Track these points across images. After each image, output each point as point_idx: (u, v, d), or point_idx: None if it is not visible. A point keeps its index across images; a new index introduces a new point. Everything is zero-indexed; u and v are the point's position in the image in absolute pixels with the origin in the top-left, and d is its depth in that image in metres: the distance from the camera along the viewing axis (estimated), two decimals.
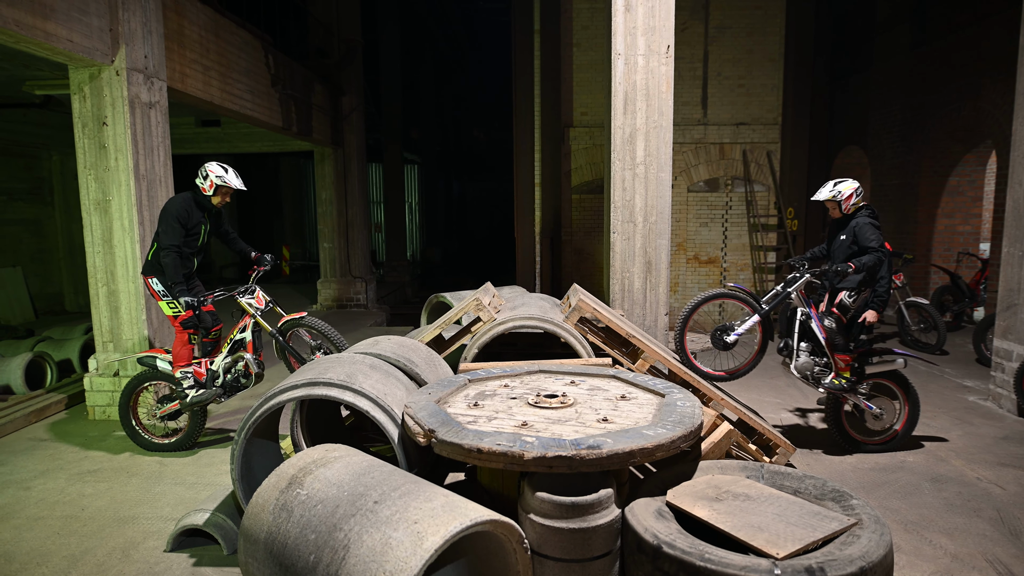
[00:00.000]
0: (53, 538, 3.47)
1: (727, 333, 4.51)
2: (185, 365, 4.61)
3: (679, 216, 9.74)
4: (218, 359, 4.72)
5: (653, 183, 5.15)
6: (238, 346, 4.76)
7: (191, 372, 4.60)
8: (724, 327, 4.54)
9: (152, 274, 4.59)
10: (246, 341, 4.74)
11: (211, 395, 4.63)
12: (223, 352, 4.74)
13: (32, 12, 4.42)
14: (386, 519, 2.20)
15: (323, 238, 11.66)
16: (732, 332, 4.50)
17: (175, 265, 4.45)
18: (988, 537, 3.45)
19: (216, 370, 4.70)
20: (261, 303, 4.73)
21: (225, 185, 4.61)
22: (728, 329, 4.53)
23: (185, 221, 4.53)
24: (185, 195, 4.66)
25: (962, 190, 9.20)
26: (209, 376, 4.66)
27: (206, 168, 4.63)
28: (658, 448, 2.49)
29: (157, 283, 4.57)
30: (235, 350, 4.76)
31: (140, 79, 5.49)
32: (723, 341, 4.51)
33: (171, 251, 4.45)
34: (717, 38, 9.50)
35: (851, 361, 4.56)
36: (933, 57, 9.09)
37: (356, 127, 11.64)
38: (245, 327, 4.75)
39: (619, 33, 5.04)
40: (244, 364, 4.74)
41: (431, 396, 3.06)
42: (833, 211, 4.72)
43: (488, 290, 4.85)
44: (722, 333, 4.53)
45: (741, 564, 2.14)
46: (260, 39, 8.21)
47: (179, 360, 4.61)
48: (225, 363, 4.72)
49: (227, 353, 4.74)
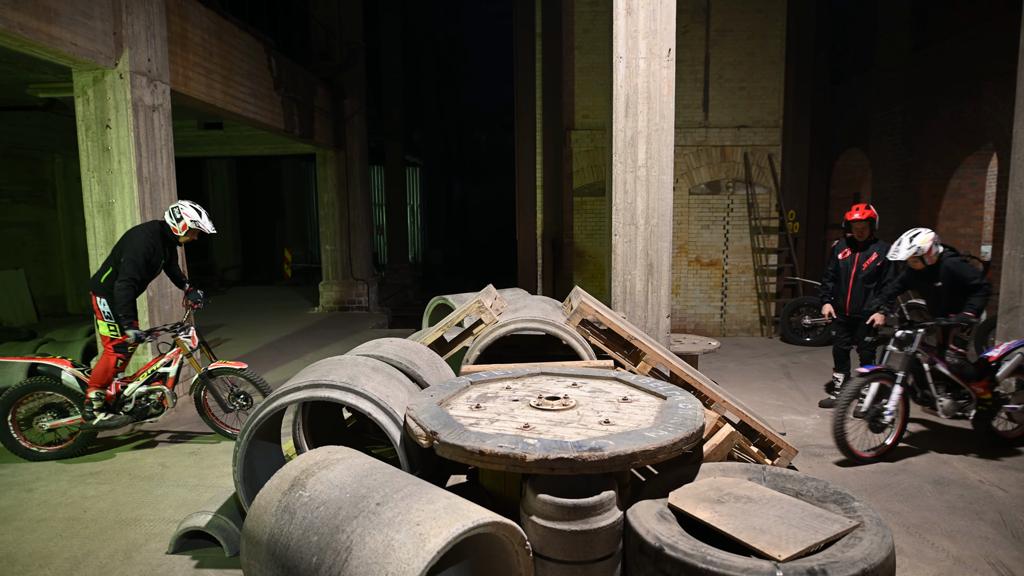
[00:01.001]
0: (55, 540, 3.48)
1: (880, 416, 4.51)
2: (100, 387, 4.54)
3: (680, 218, 9.75)
4: (132, 385, 4.69)
5: (655, 185, 5.16)
6: (158, 378, 4.75)
7: (103, 393, 4.55)
8: (875, 413, 4.52)
9: (101, 295, 4.54)
10: (168, 376, 4.75)
11: (119, 422, 4.61)
12: (140, 379, 4.71)
13: (37, 16, 4.44)
14: (388, 521, 2.21)
15: (325, 240, 11.67)
16: (886, 412, 4.51)
17: (129, 298, 4.45)
18: (990, 540, 3.44)
19: (128, 396, 4.67)
20: (195, 343, 4.83)
21: (197, 228, 4.67)
22: (880, 413, 4.52)
23: (150, 257, 4.56)
24: (153, 228, 4.66)
25: (963, 192, 9.20)
26: (118, 400, 4.63)
27: (180, 209, 4.65)
28: (660, 450, 2.49)
29: (104, 304, 4.53)
30: (152, 380, 4.74)
31: (143, 82, 5.51)
32: (879, 424, 4.52)
33: (130, 284, 4.45)
34: (718, 41, 9.51)
35: (987, 384, 4.64)
36: (934, 59, 9.09)
37: (358, 130, 11.67)
38: (171, 362, 4.77)
39: (620, 36, 5.06)
40: (160, 396, 4.74)
41: (433, 398, 3.07)
42: (915, 264, 4.72)
43: (490, 292, 4.86)
44: (875, 418, 4.53)
45: (743, 566, 2.14)
46: (262, 42, 8.24)
47: (97, 381, 4.52)
48: (139, 391, 4.70)
49: (144, 381, 4.72)
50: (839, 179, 11.69)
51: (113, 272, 4.54)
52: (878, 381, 4.57)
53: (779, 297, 9.80)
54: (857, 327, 5.73)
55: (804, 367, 7.59)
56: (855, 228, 5.67)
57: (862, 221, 5.62)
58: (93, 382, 4.52)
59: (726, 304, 9.91)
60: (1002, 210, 7.76)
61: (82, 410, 4.54)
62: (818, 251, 10.40)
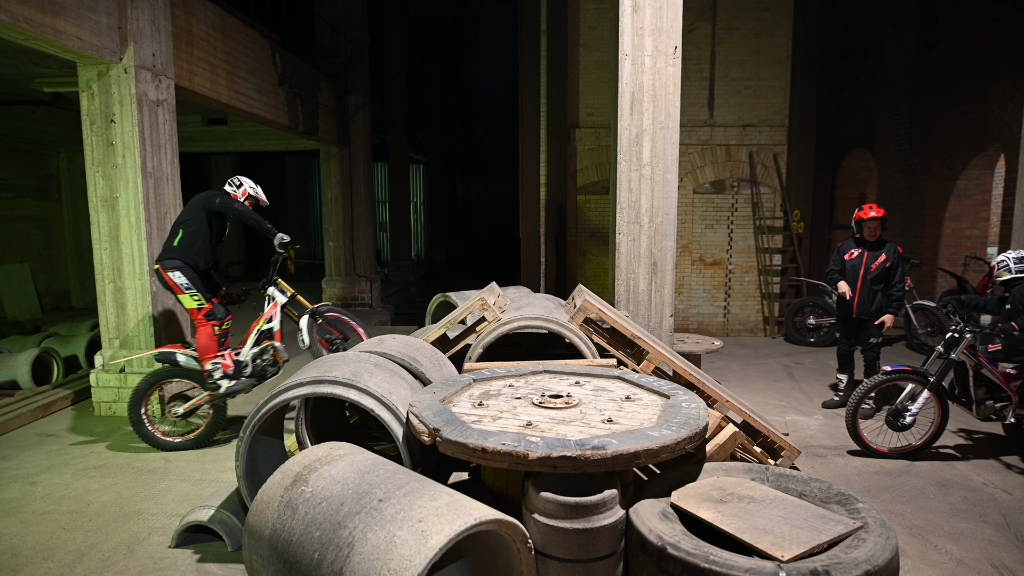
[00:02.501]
0: (59, 533, 3.49)
1: (902, 416, 4.48)
2: (213, 357, 4.60)
3: (684, 218, 9.72)
4: (245, 349, 4.76)
5: (659, 184, 5.14)
6: (265, 335, 4.83)
7: (220, 363, 4.61)
8: (897, 410, 4.51)
9: (174, 266, 4.55)
10: (274, 330, 4.83)
11: (245, 384, 4.67)
12: (249, 342, 4.78)
13: (42, 9, 4.44)
14: (390, 517, 2.20)
15: (328, 237, 11.67)
16: (907, 413, 4.46)
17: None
18: (994, 542, 3.43)
19: (244, 360, 4.73)
20: (287, 293, 4.93)
21: (255, 197, 4.86)
22: (902, 411, 4.49)
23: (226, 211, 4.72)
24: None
25: (970, 194, 9.16)
26: (236, 367, 4.68)
27: (239, 178, 4.85)
28: (663, 449, 2.48)
29: (180, 276, 4.54)
30: (260, 340, 4.82)
31: (148, 77, 5.52)
32: (900, 424, 4.49)
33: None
34: (724, 39, 9.47)
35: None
36: (941, 60, 9.05)
37: (362, 126, 11.66)
38: (272, 317, 4.83)
39: (626, 34, 5.03)
40: (273, 353, 4.83)
41: (436, 395, 3.06)
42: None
43: (493, 290, 4.85)
44: (896, 417, 4.50)
45: (746, 566, 2.13)
46: (267, 38, 8.23)
47: (207, 352, 4.58)
48: (252, 352, 4.77)
49: (253, 344, 4.79)
50: (844, 179, 11.65)
51: (184, 233, 4.61)
52: (908, 383, 4.55)
53: (783, 297, 9.78)
54: (863, 328, 5.66)
55: (807, 368, 7.57)
56: (867, 227, 5.53)
57: (876, 219, 5.48)
58: (202, 355, 4.59)
59: (729, 304, 9.89)
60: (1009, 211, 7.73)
61: (205, 384, 4.62)
62: (822, 251, 10.37)
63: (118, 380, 5.54)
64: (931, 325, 8.08)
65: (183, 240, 4.61)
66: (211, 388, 4.59)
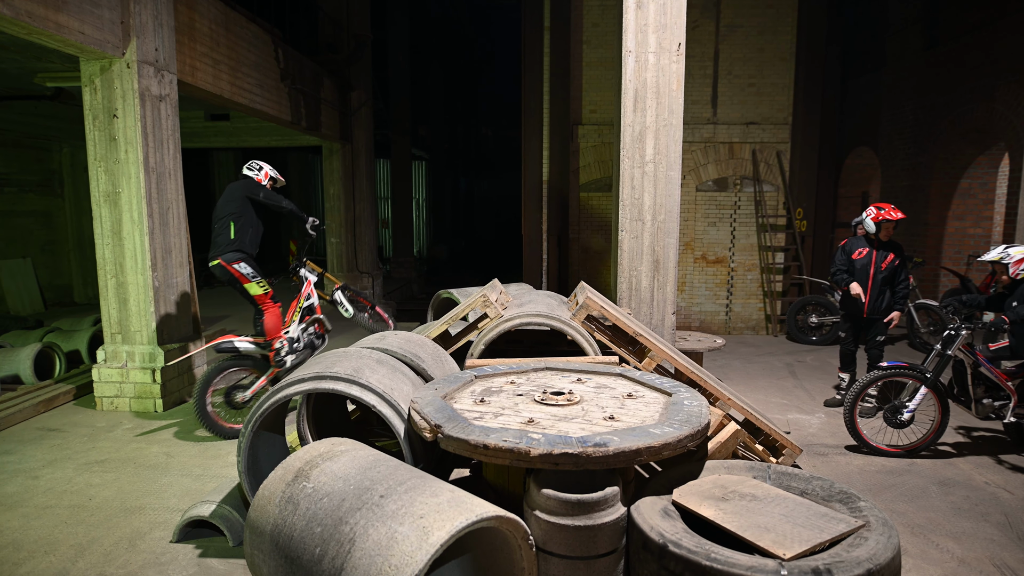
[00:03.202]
0: (60, 527, 3.50)
1: (899, 412, 4.48)
2: (279, 336, 4.97)
3: (687, 215, 9.70)
4: (292, 327, 5.10)
5: (662, 181, 5.12)
6: (307, 312, 5.21)
7: (284, 341, 4.98)
8: (895, 406, 4.50)
9: (237, 258, 4.83)
10: (314, 305, 5.25)
11: (300, 358, 5.05)
12: (295, 320, 5.12)
13: (44, 4, 4.44)
14: (392, 513, 2.20)
15: (330, 233, 11.68)
16: (905, 410, 4.45)
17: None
18: (995, 542, 3.42)
19: (294, 337, 5.08)
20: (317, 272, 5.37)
21: (275, 178, 5.19)
22: (899, 408, 4.48)
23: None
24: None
25: (973, 192, 9.12)
26: (290, 344, 5.04)
27: (258, 162, 5.15)
28: (665, 447, 2.48)
29: (244, 266, 4.85)
30: (303, 317, 5.18)
31: (151, 72, 5.51)
32: (898, 421, 4.49)
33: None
34: (728, 36, 9.44)
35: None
36: (946, 58, 9.01)
37: (365, 123, 11.65)
38: (310, 295, 5.25)
39: (630, 30, 5.01)
40: (318, 325, 5.28)
41: (437, 392, 3.06)
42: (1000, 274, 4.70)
43: (495, 287, 4.85)
44: (894, 413, 4.50)
45: (747, 564, 2.13)
46: (270, 33, 8.22)
47: (275, 332, 4.96)
48: (300, 328, 5.15)
49: (299, 321, 5.15)
50: (848, 178, 11.62)
51: (237, 226, 4.85)
52: (906, 379, 4.55)
53: (785, 295, 9.76)
54: (872, 327, 5.61)
55: (810, 366, 7.56)
56: (885, 228, 5.42)
57: (896, 221, 5.39)
58: (270, 336, 4.94)
59: (732, 302, 9.87)
60: (1013, 210, 7.70)
61: (274, 362, 4.96)
62: (825, 250, 10.34)
63: (120, 375, 5.55)
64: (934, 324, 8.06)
65: (238, 232, 4.85)
66: (278, 364, 4.95)
